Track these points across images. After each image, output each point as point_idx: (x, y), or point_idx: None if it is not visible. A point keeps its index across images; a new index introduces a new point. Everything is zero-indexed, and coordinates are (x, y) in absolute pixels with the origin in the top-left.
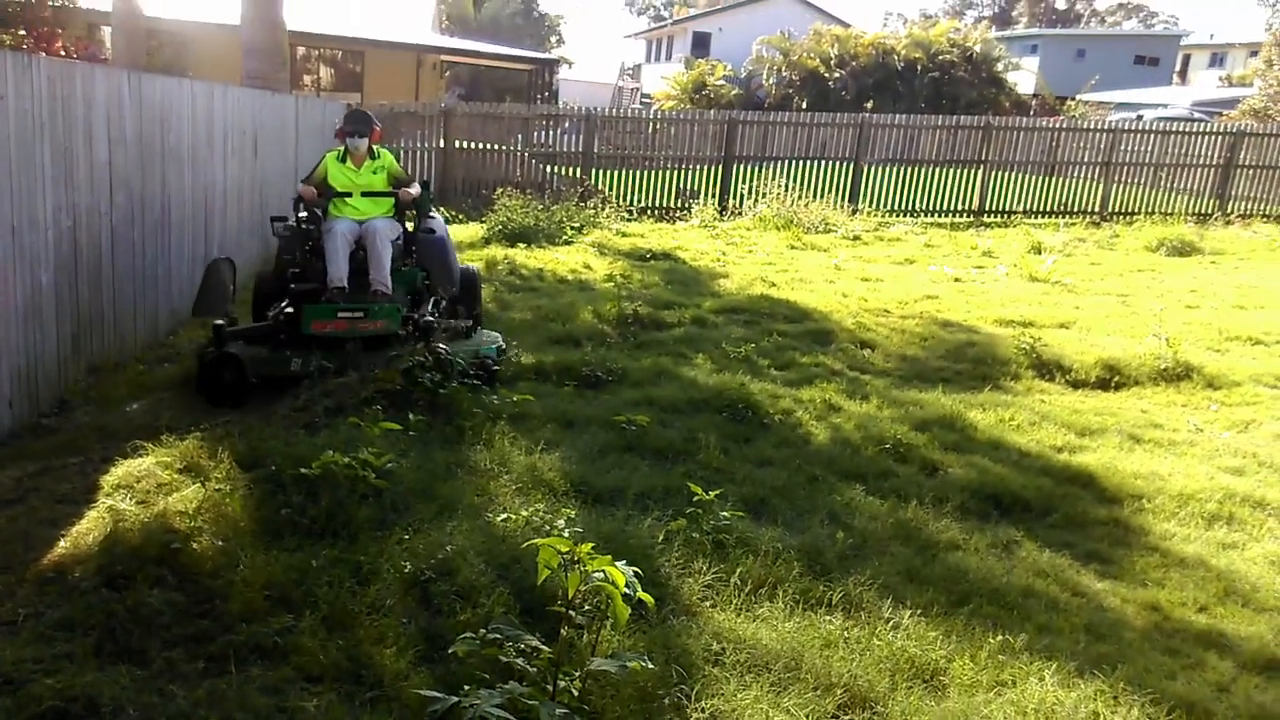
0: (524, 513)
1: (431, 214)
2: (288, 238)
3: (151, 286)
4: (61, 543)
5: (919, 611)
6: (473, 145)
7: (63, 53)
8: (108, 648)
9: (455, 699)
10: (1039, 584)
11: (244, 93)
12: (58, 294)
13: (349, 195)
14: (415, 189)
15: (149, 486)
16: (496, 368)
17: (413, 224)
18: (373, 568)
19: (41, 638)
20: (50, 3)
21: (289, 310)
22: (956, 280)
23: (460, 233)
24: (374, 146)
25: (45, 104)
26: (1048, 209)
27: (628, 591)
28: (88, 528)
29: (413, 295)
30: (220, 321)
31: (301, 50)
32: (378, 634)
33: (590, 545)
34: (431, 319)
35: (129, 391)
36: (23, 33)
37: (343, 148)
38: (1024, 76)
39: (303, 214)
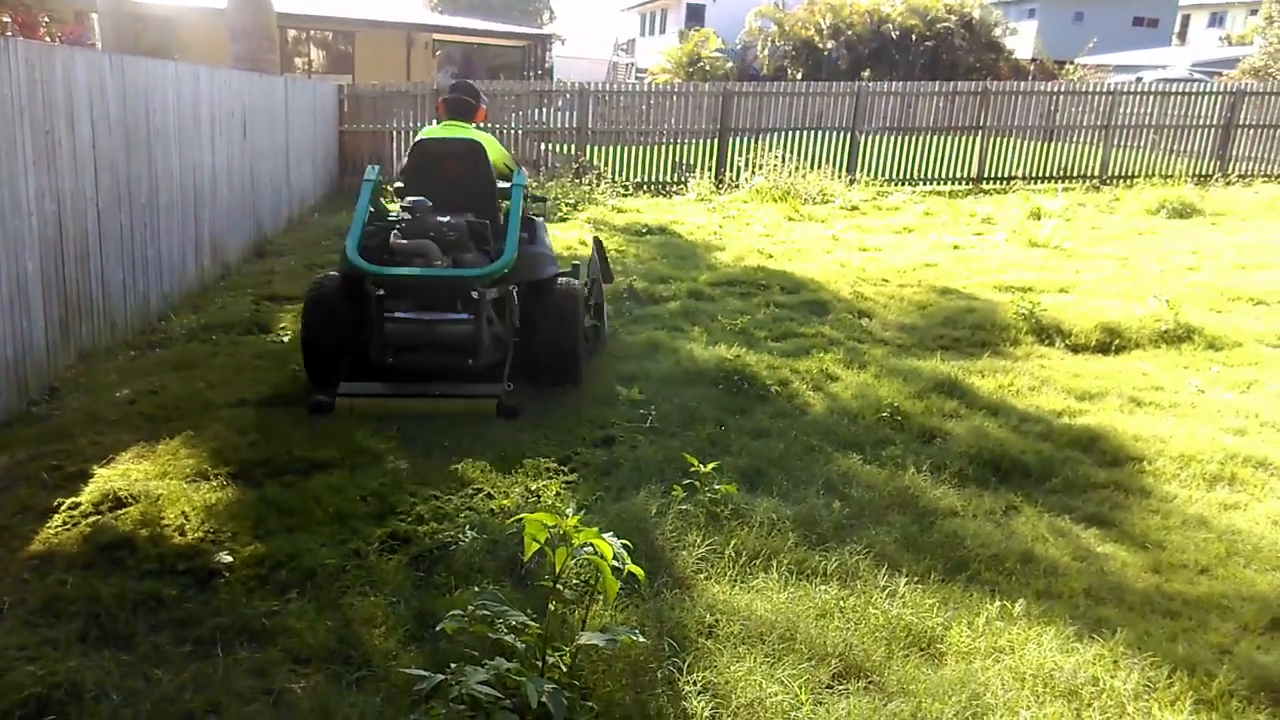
0: (516, 490)
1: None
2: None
3: (141, 270)
4: (49, 529)
5: (915, 579)
6: None
7: (47, 39)
8: (93, 633)
9: (441, 677)
10: (1038, 549)
11: (230, 74)
12: (44, 279)
13: None
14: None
15: (138, 475)
16: None
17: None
18: (364, 544)
19: (26, 624)
20: None
21: None
22: (955, 247)
23: None
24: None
25: (24, 87)
26: (1047, 174)
27: (616, 564)
28: (75, 515)
29: None
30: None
31: (293, 33)
32: (367, 614)
33: (577, 518)
34: None
35: (120, 378)
36: (6, 19)
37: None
38: (1022, 41)
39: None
